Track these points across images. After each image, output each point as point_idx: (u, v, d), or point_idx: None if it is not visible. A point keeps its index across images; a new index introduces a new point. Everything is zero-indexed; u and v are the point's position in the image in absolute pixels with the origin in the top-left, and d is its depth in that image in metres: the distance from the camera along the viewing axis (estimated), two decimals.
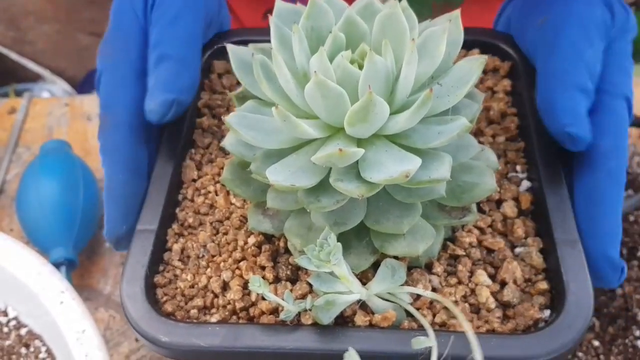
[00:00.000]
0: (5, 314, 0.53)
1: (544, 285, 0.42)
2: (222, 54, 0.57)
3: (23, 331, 0.52)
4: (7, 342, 0.51)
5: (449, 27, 0.39)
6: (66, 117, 0.80)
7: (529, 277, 0.43)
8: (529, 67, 0.53)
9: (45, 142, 0.71)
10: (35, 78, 1.43)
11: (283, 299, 0.38)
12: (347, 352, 0.35)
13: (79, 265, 0.64)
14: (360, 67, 0.39)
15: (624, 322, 0.57)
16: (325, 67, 0.37)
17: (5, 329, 0.52)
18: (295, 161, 0.39)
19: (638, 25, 0.52)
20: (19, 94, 1.36)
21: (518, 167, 0.48)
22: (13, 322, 0.53)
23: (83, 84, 1.46)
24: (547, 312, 0.41)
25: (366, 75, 0.36)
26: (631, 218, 0.63)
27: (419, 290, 0.37)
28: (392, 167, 0.36)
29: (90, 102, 0.81)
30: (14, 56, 1.41)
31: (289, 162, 0.39)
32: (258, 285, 0.36)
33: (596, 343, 0.56)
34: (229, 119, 0.38)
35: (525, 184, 0.47)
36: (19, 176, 0.72)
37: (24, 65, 1.42)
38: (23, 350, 0.51)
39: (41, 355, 0.50)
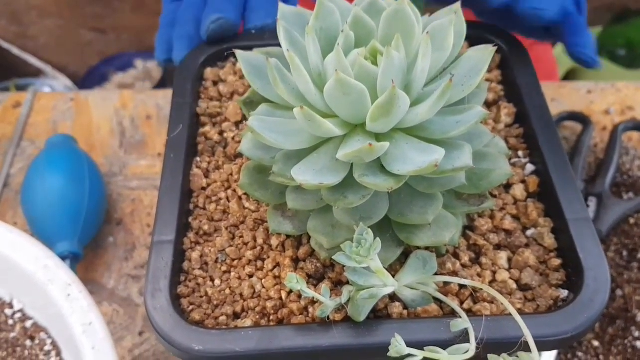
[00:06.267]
0: (10, 306, 0.53)
1: (557, 262, 0.43)
2: (214, 62, 0.57)
3: (28, 323, 0.51)
4: (12, 335, 0.51)
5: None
6: (71, 112, 0.79)
7: (543, 260, 0.44)
8: (518, 56, 0.54)
9: (52, 136, 0.70)
10: (37, 73, 1.42)
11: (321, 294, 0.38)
12: (393, 339, 0.35)
13: (82, 259, 0.64)
14: (373, 63, 0.39)
15: (623, 323, 0.58)
16: (344, 65, 0.37)
17: (11, 322, 0.52)
18: (317, 160, 0.39)
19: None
20: (20, 89, 1.33)
21: (520, 153, 0.50)
22: (18, 315, 0.52)
23: (85, 80, 1.44)
24: (565, 292, 0.43)
25: (384, 71, 0.37)
26: (631, 221, 0.65)
27: (453, 278, 0.38)
28: (418, 159, 0.37)
29: (95, 98, 0.81)
30: (15, 51, 1.39)
31: (312, 162, 0.39)
32: (296, 282, 0.36)
33: (596, 343, 0.58)
34: (250, 123, 0.39)
35: (530, 167, 0.49)
36: (23, 170, 0.71)
37: (26, 61, 1.40)
38: (28, 342, 0.50)
39: (46, 348, 0.50)
